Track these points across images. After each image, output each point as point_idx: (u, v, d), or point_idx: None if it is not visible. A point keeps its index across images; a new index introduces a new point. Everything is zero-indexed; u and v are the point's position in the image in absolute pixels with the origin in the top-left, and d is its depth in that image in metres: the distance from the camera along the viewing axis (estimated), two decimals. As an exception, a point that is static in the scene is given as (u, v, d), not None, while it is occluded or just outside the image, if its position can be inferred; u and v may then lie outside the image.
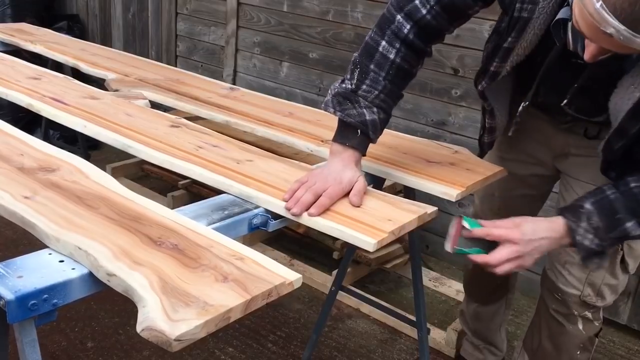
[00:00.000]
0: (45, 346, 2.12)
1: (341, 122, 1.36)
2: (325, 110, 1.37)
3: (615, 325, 2.54)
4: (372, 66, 1.35)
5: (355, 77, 1.35)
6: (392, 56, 1.34)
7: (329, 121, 1.84)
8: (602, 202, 1.24)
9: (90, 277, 0.95)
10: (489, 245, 1.28)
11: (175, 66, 3.52)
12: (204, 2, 3.69)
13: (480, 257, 1.26)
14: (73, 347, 2.18)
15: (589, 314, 1.58)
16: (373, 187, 1.42)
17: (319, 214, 1.21)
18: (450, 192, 1.40)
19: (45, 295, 0.88)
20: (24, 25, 2.87)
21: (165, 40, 3.96)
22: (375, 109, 1.34)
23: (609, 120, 1.29)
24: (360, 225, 1.19)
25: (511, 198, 1.74)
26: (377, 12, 2.91)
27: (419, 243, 1.72)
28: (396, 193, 2.31)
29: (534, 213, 1.74)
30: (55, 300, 0.90)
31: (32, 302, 0.87)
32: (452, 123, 2.79)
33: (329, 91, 1.38)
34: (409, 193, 1.56)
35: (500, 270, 1.26)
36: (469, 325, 2.11)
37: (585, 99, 1.36)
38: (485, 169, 1.55)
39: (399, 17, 1.34)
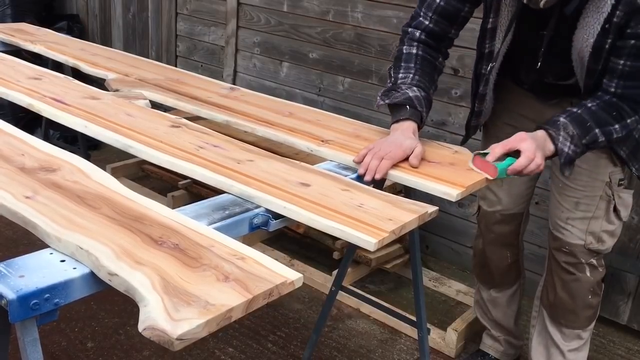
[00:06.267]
0: (45, 346, 2.12)
1: (392, 107, 1.64)
2: (378, 107, 1.67)
3: (615, 325, 2.55)
4: (401, 63, 1.70)
5: (392, 75, 1.69)
6: (414, 51, 1.70)
7: (329, 121, 1.85)
8: (573, 115, 1.54)
9: (92, 276, 0.95)
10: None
11: (175, 66, 3.52)
12: (204, 2, 3.69)
13: (516, 164, 1.46)
14: (73, 347, 2.18)
15: (594, 261, 1.81)
16: (373, 187, 1.42)
17: (382, 177, 1.47)
18: (450, 192, 1.40)
19: (47, 295, 0.89)
20: (24, 25, 2.87)
21: (165, 40, 3.96)
22: (415, 88, 1.63)
23: (579, 84, 1.63)
24: (361, 224, 1.19)
25: None
26: (377, 12, 2.91)
27: (419, 243, 1.73)
28: (396, 193, 2.31)
29: None
30: (56, 300, 0.90)
31: (34, 301, 0.87)
32: (452, 123, 2.79)
33: (377, 96, 1.68)
34: (409, 193, 1.56)
35: (534, 169, 1.47)
36: (488, 316, 2.18)
37: (554, 61, 1.64)
38: (486, 169, 1.55)
39: (409, 29, 1.73)
